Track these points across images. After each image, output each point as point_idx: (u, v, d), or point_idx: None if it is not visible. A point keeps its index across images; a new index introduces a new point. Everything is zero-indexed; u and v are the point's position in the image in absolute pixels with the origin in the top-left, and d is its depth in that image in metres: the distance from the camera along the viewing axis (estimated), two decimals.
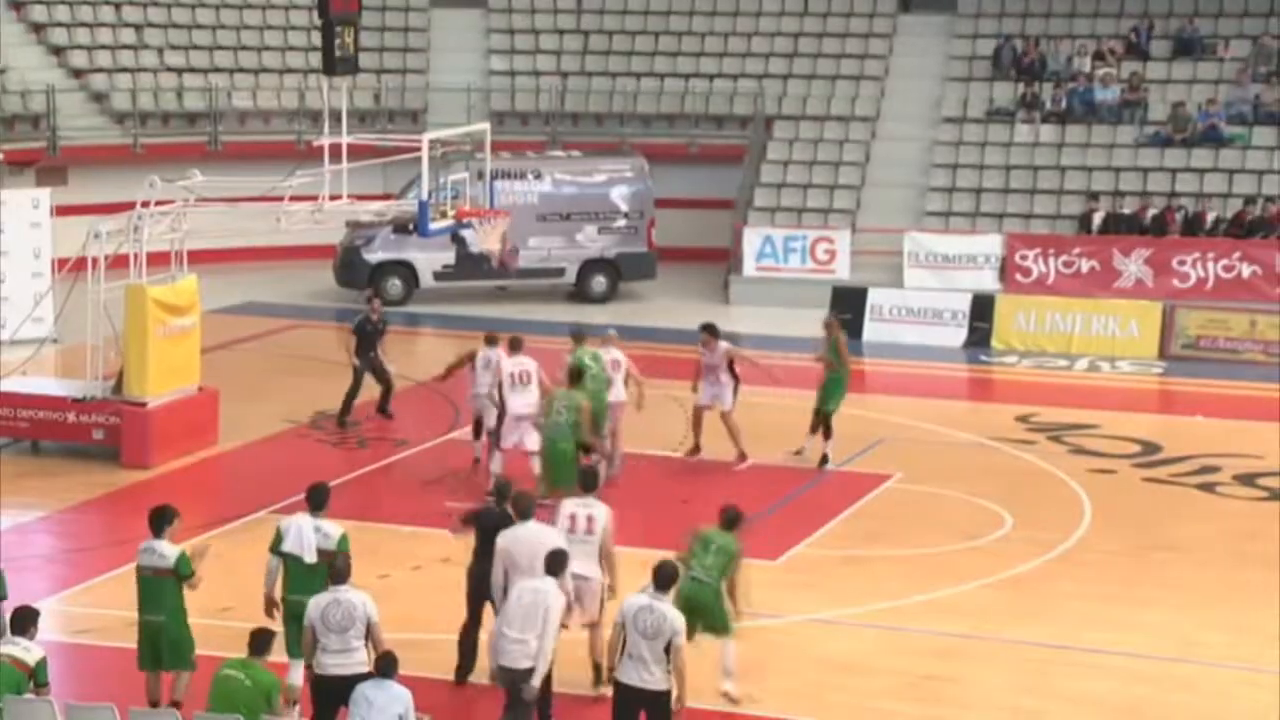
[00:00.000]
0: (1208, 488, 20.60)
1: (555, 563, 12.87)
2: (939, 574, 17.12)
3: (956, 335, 29.34)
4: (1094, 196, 31.73)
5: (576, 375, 18.89)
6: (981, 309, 29.48)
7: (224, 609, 14.60)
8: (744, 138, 34.95)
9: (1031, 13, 35.90)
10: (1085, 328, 28.91)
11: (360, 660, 12.37)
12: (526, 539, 13.54)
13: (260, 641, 12.05)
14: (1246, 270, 29.57)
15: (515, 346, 19.78)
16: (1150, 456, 21.84)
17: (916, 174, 33.60)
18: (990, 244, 31.13)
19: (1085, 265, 30.36)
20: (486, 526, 14.03)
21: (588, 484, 14.54)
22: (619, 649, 12.29)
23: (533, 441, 18.81)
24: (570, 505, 14.24)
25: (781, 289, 31.45)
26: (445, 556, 17.53)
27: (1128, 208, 31.40)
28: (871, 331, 29.71)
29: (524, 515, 13.70)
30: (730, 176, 34.29)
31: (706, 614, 13.69)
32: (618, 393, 20.37)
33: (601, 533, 14.07)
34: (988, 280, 30.70)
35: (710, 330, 21.21)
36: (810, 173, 34.11)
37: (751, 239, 32.46)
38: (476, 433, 20.86)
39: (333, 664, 12.40)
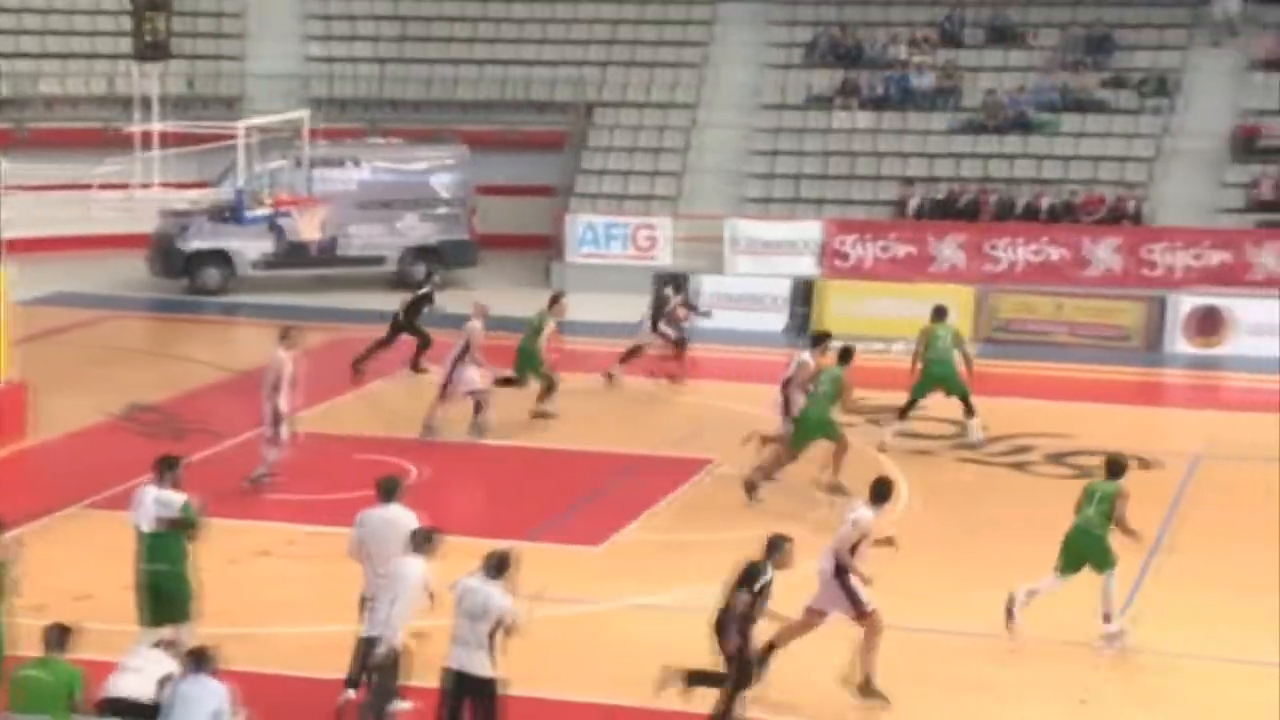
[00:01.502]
0: (1020, 467, 21.06)
1: (417, 540, 12.76)
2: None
3: (777, 320, 29.65)
4: (910, 182, 32.27)
5: (846, 355, 19.91)
6: (802, 294, 29.84)
7: (37, 606, 14.19)
8: (565, 124, 34.94)
9: (848, 0, 36.36)
10: (902, 311, 29.34)
11: (147, 692, 11.93)
12: (379, 522, 13.51)
13: (56, 637, 11.76)
14: (1055, 254, 30.31)
15: (283, 338, 19.55)
16: (966, 438, 22.24)
17: (737, 161, 33.88)
18: (809, 230, 31.50)
19: (902, 250, 30.87)
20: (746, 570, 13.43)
21: (875, 493, 14.33)
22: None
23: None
24: (849, 509, 14.44)
25: (604, 275, 31.52)
26: (264, 549, 17.30)
27: (942, 193, 31.99)
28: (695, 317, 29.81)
29: (384, 498, 13.63)
30: (552, 163, 34.26)
31: (1092, 555, 15.25)
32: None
33: (840, 535, 14.05)
34: (807, 266, 31.07)
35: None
36: (631, 159, 34.22)
37: (574, 226, 32.50)
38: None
39: (124, 684, 11.97)
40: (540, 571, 15.04)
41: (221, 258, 30.90)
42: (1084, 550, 15.32)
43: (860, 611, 13.92)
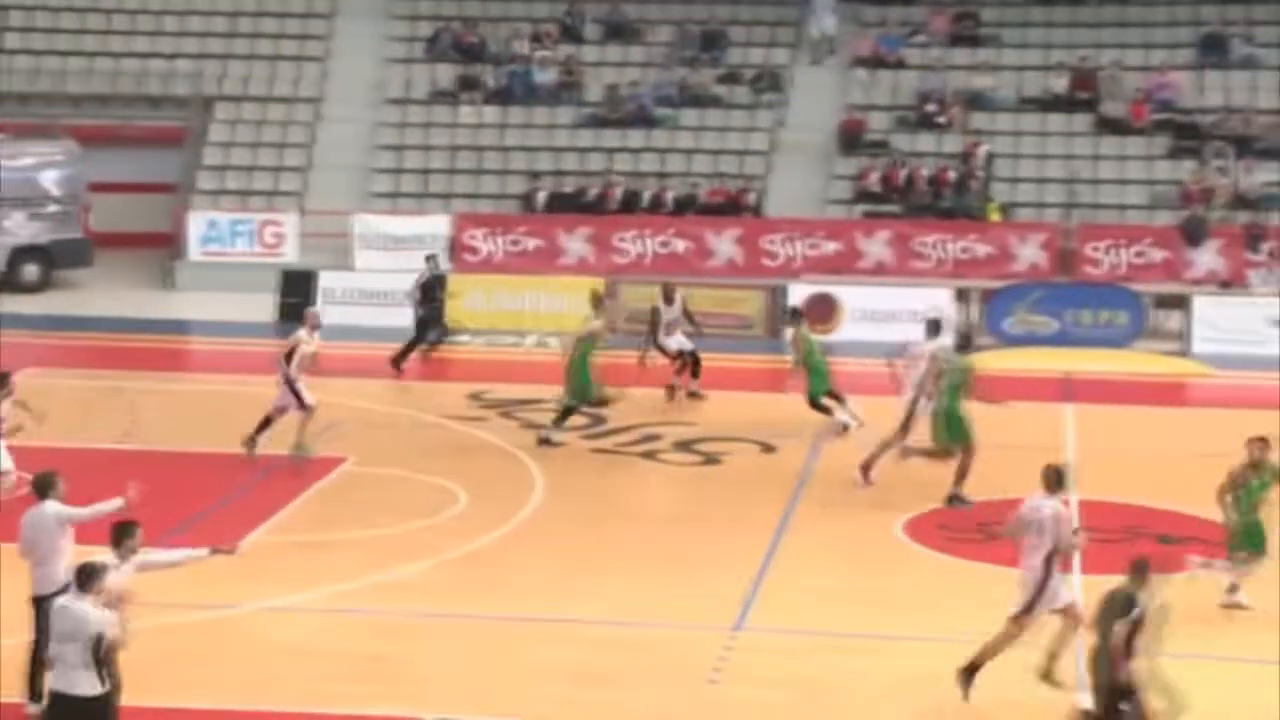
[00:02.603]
0: (650, 455, 21.46)
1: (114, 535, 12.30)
2: (394, 554, 17.18)
3: (408, 316, 29.46)
4: (536, 176, 32.56)
5: (965, 342, 20.17)
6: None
7: None
8: (183, 119, 34.01)
9: None
10: (533, 304, 29.66)
11: None
12: (31, 520, 13.23)
13: None
14: (680, 246, 31.04)
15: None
16: (597, 428, 22.57)
17: (363, 156, 33.60)
18: (438, 224, 31.51)
19: (531, 244, 31.15)
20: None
21: (1052, 481, 14.01)
22: None
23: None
24: (1030, 501, 14.04)
25: (229, 274, 30.89)
26: None
27: (569, 187, 32.38)
28: (323, 315, 29.45)
29: (39, 495, 13.36)
30: (171, 159, 33.34)
31: (1248, 541, 15.80)
32: None
33: (1049, 531, 13.68)
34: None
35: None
36: (255, 155, 33.56)
37: (196, 223, 31.74)
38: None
39: None
40: (173, 580, 14.59)
41: None
42: (1243, 539, 16.04)
43: (1027, 609, 13.73)
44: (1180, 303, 29.10)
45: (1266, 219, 30.82)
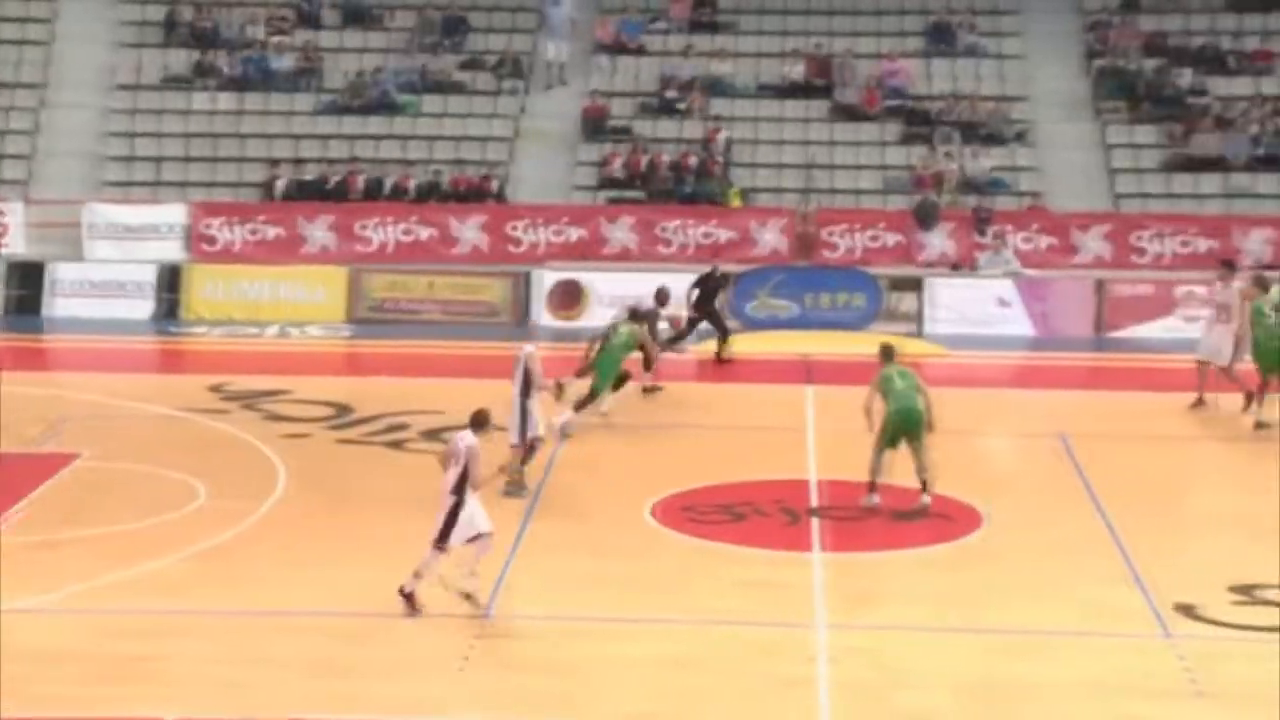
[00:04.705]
0: (397, 445, 21.30)
1: None
2: (135, 551, 16.75)
3: (144, 307, 28.88)
4: (276, 164, 32.03)
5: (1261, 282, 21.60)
6: (169, 280, 29.19)
7: None
8: None
9: None
10: (274, 294, 29.23)
11: None
12: None
13: None
14: (424, 233, 30.85)
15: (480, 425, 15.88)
16: (343, 418, 22.34)
17: (93, 143, 32.66)
18: (174, 213, 30.81)
19: (271, 232, 30.64)
20: None
21: None
22: None
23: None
24: None
25: None
26: None
27: (310, 174, 31.93)
28: (53, 307, 28.76)
29: None
30: None
31: (917, 429, 18.20)
32: None
33: None
34: (174, 250, 30.39)
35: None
36: None
37: None
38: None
39: None
40: None
41: None
42: (912, 425, 18.16)
43: None
44: (914, 285, 29.97)
45: (992, 203, 31.90)
